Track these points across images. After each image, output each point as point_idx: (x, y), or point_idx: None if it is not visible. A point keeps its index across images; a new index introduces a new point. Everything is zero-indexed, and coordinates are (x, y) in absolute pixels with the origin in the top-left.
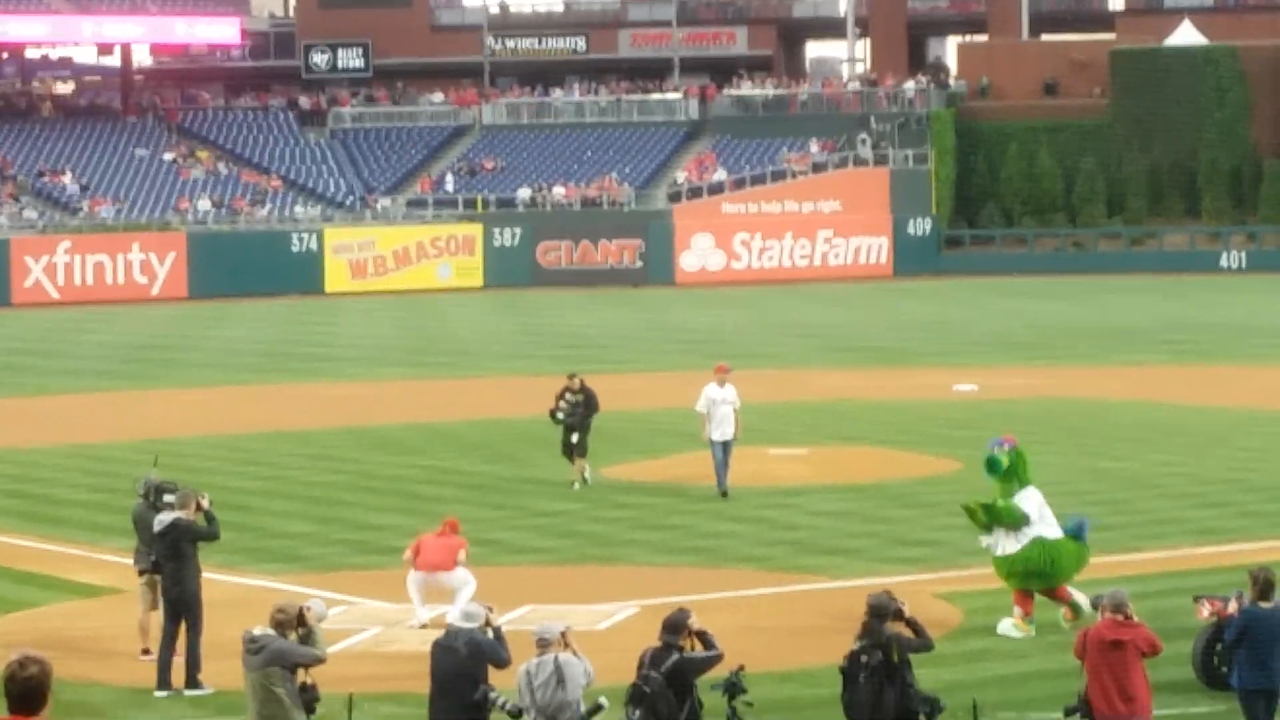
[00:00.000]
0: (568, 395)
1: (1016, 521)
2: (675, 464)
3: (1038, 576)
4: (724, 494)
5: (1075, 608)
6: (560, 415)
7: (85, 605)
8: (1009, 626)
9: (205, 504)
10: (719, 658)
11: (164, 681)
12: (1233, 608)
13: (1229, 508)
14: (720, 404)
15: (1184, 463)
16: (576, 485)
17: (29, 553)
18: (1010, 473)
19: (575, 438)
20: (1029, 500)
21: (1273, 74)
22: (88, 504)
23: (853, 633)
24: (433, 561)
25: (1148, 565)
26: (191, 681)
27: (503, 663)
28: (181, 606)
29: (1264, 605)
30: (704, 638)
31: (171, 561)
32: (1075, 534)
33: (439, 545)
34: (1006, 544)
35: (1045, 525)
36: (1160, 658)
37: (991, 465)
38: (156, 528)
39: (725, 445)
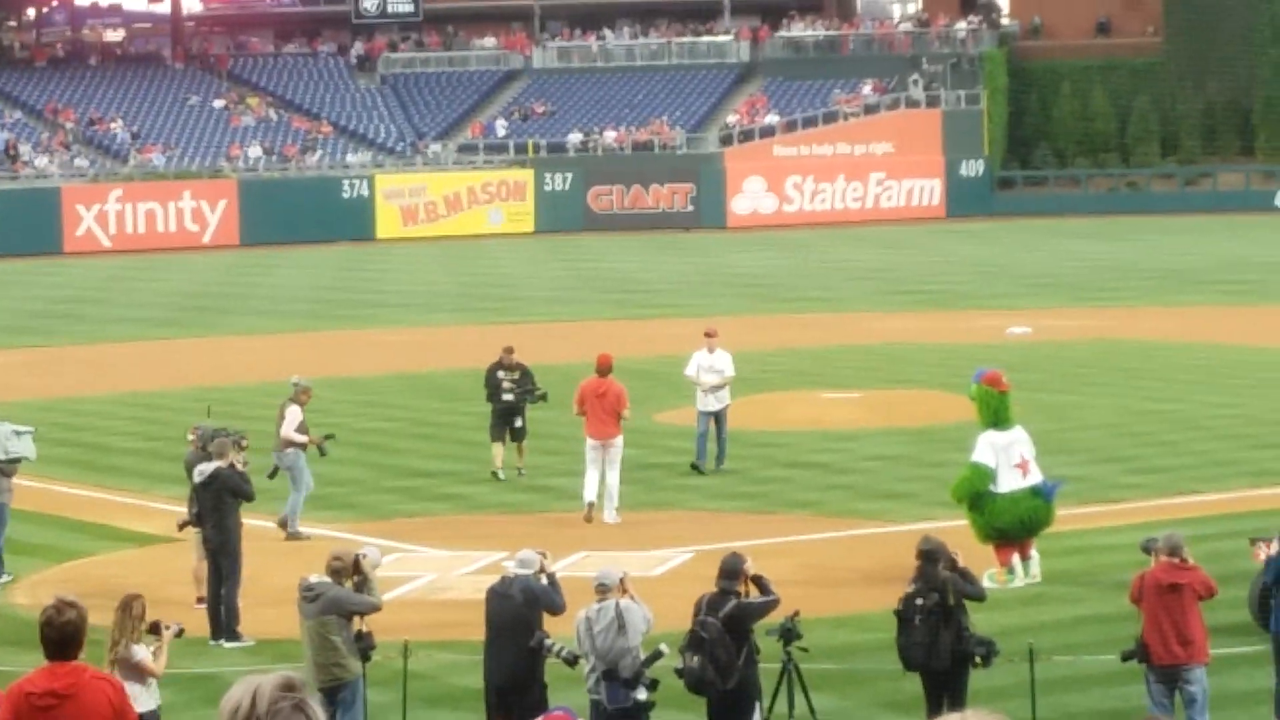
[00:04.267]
0: (501, 373)
1: (977, 483)
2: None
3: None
4: (697, 466)
5: (1008, 571)
6: (510, 396)
7: (139, 554)
8: (987, 580)
9: (242, 459)
10: (776, 602)
11: (216, 629)
12: (1274, 549)
13: None
14: (708, 371)
15: (1239, 404)
16: (502, 475)
17: (82, 501)
18: (985, 408)
19: (519, 422)
20: (982, 446)
21: None
22: (140, 452)
23: (906, 578)
24: (599, 431)
25: (1204, 507)
26: (230, 633)
27: (558, 609)
28: (222, 556)
29: None
30: (760, 583)
31: (215, 512)
32: (1038, 491)
33: (600, 410)
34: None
35: (1008, 470)
36: (1216, 601)
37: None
38: (197, 478)
39: (713, 416)
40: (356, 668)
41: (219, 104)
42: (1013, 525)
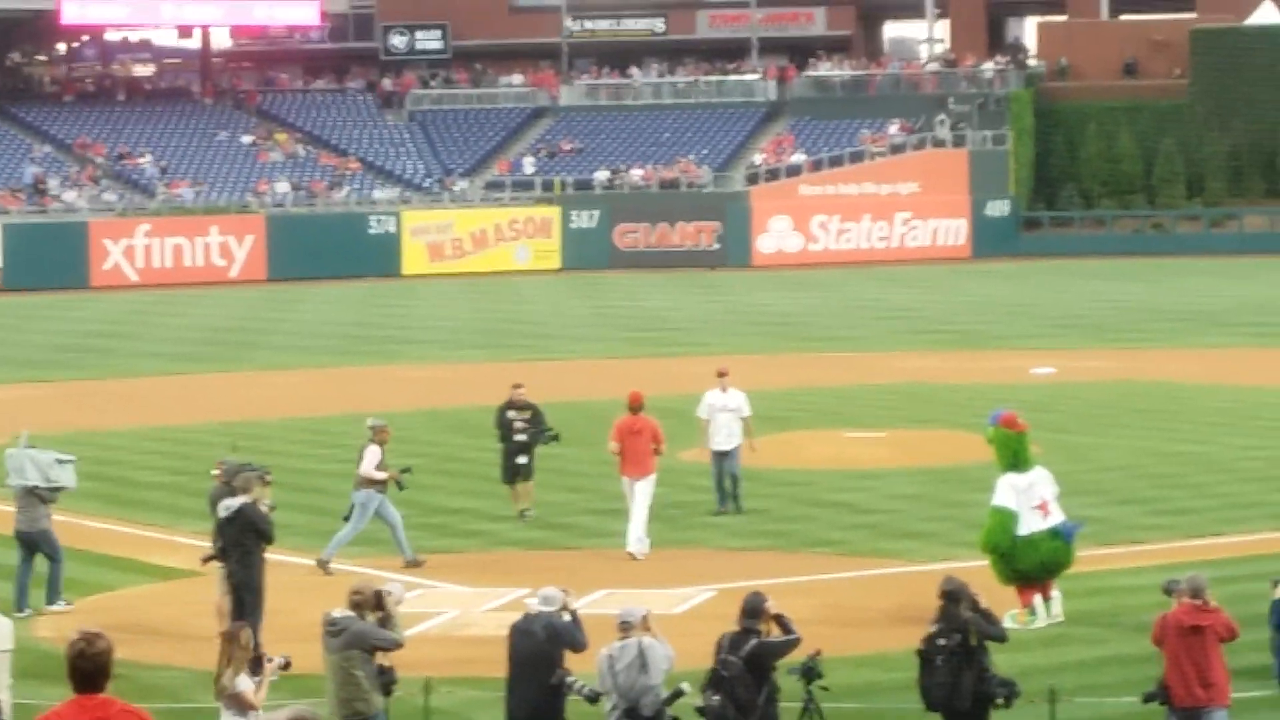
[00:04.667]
0: (511, 412)
1: (1006, 528)
2: (750, 448)
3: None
4: (722, 511)
5: (1029, 612)
6: (524, 436)
7: (163, 588)
8: (1009, 620)
9: (268, 501)
10: (797, 642)
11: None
12: (1278, 593)
13: None
14: (721, 411)
15: (1264, 446)
16: (529, 513)
17: (107, 535)
18: (1004, 450)
19: (524, 460)
20: (1003, 490)
21: None
22: (166, 486)
23: (928, 618)
24: (635, 470)
25: (1227, 549)
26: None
27: (580, 646)
28: (245, 591)
29: None
30: (782, 621)
31: (238, 548)
32: (1057, 533)
33: (637, 447)
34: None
35: (1028, 512)
36: (1239, 643)
37: (986, 432)
38: (222, 513)
39: (726, 456)
40: (379, 703)
41: (247, 139)
42: (1033, 568)
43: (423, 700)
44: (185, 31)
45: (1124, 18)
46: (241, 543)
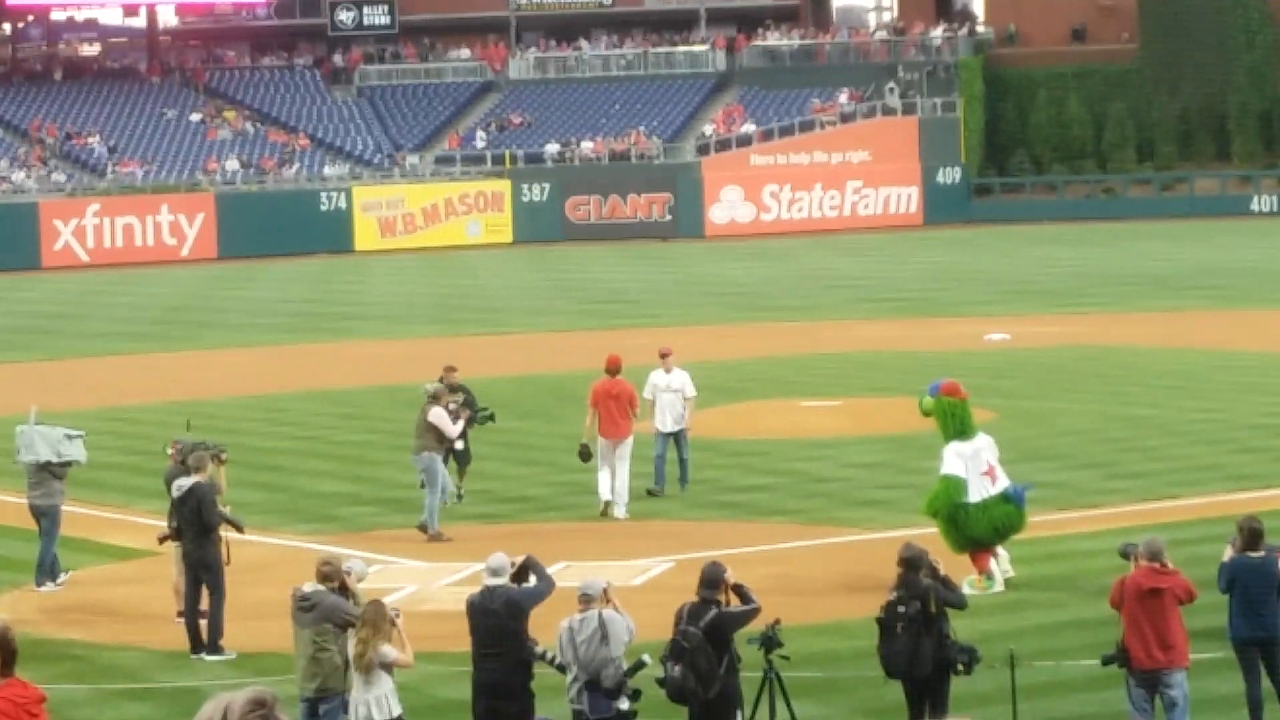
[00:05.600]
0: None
1: (953, 496)
2: (707, 417)
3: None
4: (655, 491)
5: (987, 578)
6: (459, 420)
7: (120, 568)
8: (967, 586)
9: (222, 480)
10: (756, 611)
11: (196, 643)
12: (1227, 555)
13: (1264, 453)
14: (664, 391)
15: (1217, 409)
16: (463, 497)
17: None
18: (948, 419)
19: (461, 444)
20: (951, 458)
21: None
22: (121, 467)
23: (887, 586)
24: (614, 431)
25: (1183, 512)
26: (213, 647)
27: (544, 594)
28: (202, 570)
29: (1253, 555)
30: (741, 591)
31: (193, 526)
32: (1008, 497)
33: (615, 410)
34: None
35: (976, 479)
36: (1197, 605)
37: (920, 402)
38: (175, 493)
39: (672, 438)
40: (347, 680)
41: (196, 118)
42: (986, 533)
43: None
44: (131, 10)
45: None
46: (195, 522)
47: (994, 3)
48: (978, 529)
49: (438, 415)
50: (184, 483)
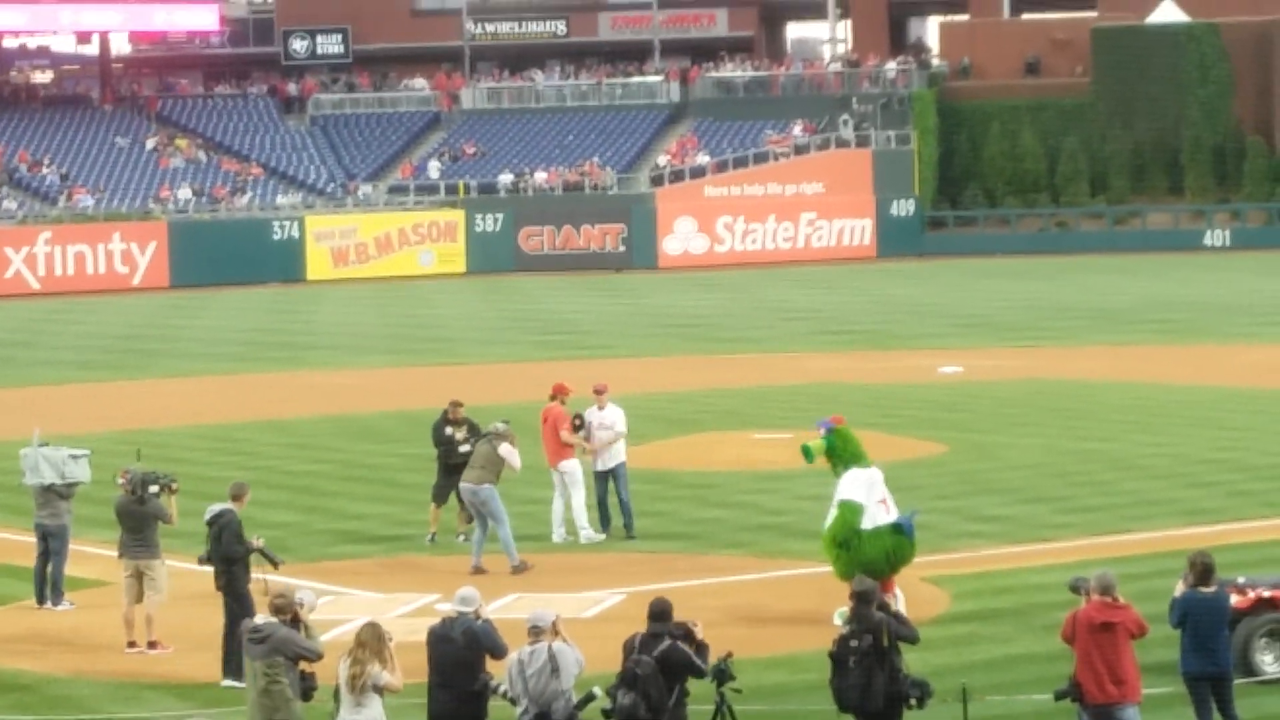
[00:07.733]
0: (449, 428)
1: (851, 523)
2: (658, 450)
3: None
4: (601, 536)
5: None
6: (468, 448)
7: (69, 598)
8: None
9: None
10: (703, 673)
11: (229, 670)
12: (1178, 590)
13: (1216, 487)
14: (599, 429)
15: (1170, 443)
16: (448, 537)
17: (10, 546)
18: (834, 455)
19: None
20: (850, 484)
21: (1254, 51)
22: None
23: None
24: (549, 457)
25: (1135, 546)
26: (231, 671)
27: (501, 652)
28: (230, 598)
29: (1204, 590)
30: (702, 651)
31: (216, 553)
32: (899, 528)
33: (546, 435)
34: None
35: (873, 506)
36: (1149, 640)
37: (805, 453)
38: (206, 515)
39: (609, 476)
40: (300, 711)
41: (149, 145)
42: (879, 559)
43: (334, 707)
44: (84, 38)
45: (1025, 17)
46: (216, 549)
47: (948, 35)
48: (870, 554)
49: (509, 451)
50: (215, 508)
